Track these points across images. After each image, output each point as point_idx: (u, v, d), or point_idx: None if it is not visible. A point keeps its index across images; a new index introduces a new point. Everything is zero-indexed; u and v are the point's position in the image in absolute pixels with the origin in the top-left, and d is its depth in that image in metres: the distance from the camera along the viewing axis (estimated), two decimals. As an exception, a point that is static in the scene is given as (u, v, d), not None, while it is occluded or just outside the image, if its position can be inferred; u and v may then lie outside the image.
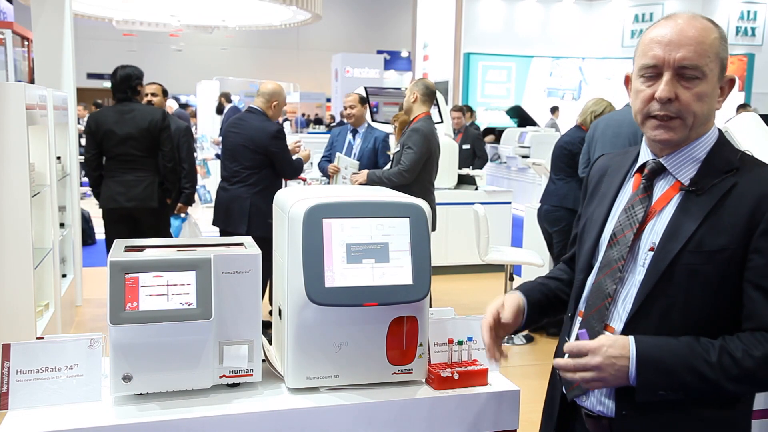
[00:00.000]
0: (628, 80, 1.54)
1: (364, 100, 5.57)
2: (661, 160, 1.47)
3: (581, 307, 1.55)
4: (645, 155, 1.52)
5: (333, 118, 19.01)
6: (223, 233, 4.80)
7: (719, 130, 1.48)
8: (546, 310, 1.72)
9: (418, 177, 4.61)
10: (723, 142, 1.46)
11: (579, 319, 1.54)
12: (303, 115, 19.99)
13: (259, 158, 4.67)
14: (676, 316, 1.38)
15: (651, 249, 1.42)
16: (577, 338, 1.43)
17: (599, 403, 1.47)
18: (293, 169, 4.87)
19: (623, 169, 1.58)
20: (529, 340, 5.21)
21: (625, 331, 1.42)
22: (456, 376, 1.78)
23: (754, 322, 1.34)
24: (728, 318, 1.38)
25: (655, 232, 1.43)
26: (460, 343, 1.87)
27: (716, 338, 1.36)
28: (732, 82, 1.45)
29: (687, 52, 1.37)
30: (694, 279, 1.37)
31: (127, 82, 4.76)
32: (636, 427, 1.42)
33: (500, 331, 1.63)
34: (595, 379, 1.36)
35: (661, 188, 1.47)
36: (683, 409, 1.39)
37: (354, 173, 4.99)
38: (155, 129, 4.72)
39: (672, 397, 1.35)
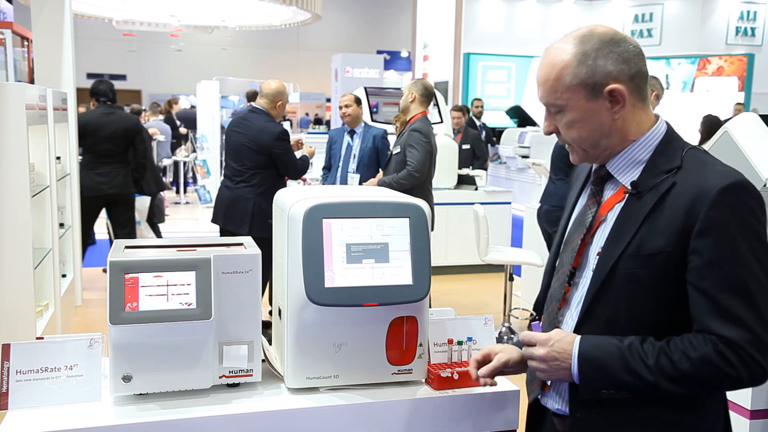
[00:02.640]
0: None
1: (359, 100, 5.55)
2: (606, 165, 1.49)
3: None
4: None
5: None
6: (223, 232, 4.81)
7: (667, 124, 1.46)
8: None
9: (417, 177, 4.58)
10: (669, 140, 1.44)
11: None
12: (306, 114, 19.94)
13: (262, 159, 4.64)
14: (621, 321, 1.40)
15: (598, 254, 1.44)
16: (530, 329, 1.49)
17: (557, 402, 1.51)
18: (297, 169, 4.79)
19: (583, 175, 1.63)
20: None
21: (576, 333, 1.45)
22: (456, 376, 1.78)
23: (697, 324, 1.34)
24: (674, 320, 1.37)
25: (602, 237, 1.45)
26: (459, 343, 1.87)
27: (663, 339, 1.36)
28: (612, 90, 1.38)
29: (542, 93, 1.46)
30: (634, 283, 1.37)
31: (113, 91, 6.07)
32: (593, 427, 1.43)
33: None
34: (538, 369, 1.42)
35: (608, 193, 1.50)
36: (640, 411, 1.39)
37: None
38: (132, 132, 5.95)
39: (618, 397, 1.37)
